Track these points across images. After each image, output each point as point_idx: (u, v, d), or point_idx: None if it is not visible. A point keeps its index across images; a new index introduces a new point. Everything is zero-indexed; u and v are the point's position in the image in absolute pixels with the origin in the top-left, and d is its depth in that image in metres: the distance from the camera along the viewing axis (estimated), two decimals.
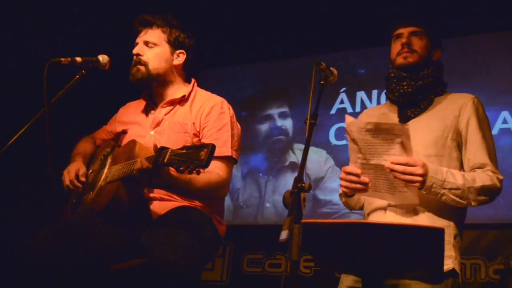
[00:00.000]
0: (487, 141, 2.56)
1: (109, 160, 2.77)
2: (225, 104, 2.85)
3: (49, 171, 2.53)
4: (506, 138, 4.74)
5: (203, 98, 2.86)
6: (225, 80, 6.05)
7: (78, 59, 2.67)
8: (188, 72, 2.96)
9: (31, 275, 2.36)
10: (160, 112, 2.84)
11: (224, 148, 2.70)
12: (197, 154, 2.11)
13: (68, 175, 2.75)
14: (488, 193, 2.44)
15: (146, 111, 2.92)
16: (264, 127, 5.77)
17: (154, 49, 2.84)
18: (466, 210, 2.62)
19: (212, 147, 2.13)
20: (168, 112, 2.83)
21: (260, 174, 5.63)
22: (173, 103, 2.85)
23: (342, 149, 5.20)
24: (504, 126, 4.78)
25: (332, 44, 5.43)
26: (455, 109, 2.62)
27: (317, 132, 2.19)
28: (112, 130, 3.02)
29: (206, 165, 2.11)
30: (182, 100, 2.85)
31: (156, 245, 2.35)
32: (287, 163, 5.51)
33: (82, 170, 2.79)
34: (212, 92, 2.95)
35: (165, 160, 2.19)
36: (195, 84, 2.95)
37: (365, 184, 2.36)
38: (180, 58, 2.90)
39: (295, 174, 1.95)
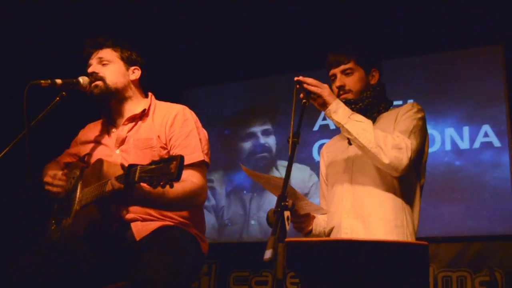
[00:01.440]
0: (407, 123, 2.64)
1: (80, 183, 2.73)
2: (187, 110, 2.83)
3: (29, 193, 2.51)
4: (487, 152, 4.79)
5: (163, 109, 2.84)
6: (208, 98, 6.07)
7: (58, 81, 2.65)
8: (144, 88, 2.95)
9: None
10: (122, 129, 2.81)
11: (195, 154, 2.68)
12: (167, 167, 2.09)
13: (53, 179, 2.72)
14: (396, 146, 2.51)
15: (107, 130, 2.89)
16: (247, 144, 5.78)
17: (109, 66, 2.83)
18: (418, 216, 2.69)
19: (181, 158, 2.10)
20: (131, 129, 2.80)
21: (245, 192, 5.63)
22: (135, 119, 2.82)
23: None
24: (485, 139, 4.82)
25: (315, 61, 5.46)
26: (394, 117, 2.72)
27: (300, 149, 2.19)
28: (76, 153, 2.97)
29: (178, 177, 2.08)
30: (143, 115, 2.83)
31: (141, 267, 2.33)
32: None
33: (59, 172, 2.76)
34: (195, 110, 2.93)
35: (136, 178, 2.16)
36: (153, 97, 2.93)
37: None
38: (135, 73, 2.89)
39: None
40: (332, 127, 5.35)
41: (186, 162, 2.22)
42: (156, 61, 3.19)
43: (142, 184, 2.27)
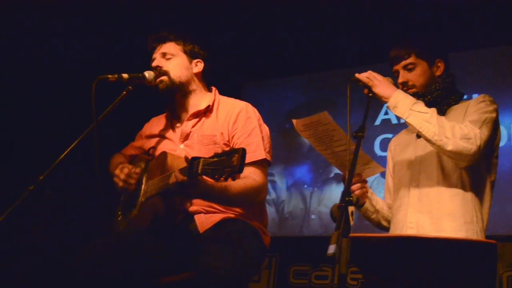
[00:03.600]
0: (479, 114, 2.55)
1: (145, 175, 2.79)
2: (250, 108, 2.85)
3: (98, 185, 2.57)
4: None
5: (227, 106, 2.86)
6: (268, 92, 6.07)
7: (125, 75, 2.70)
8: (207, 81, 2.98)
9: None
10: (187, 125, 2.85)
11: (258, 152, 2.70)
12: (229, 160, 2.11)
13: (121, 172, 2.77)
14: (464, 136, 2.43)
15: (172, 124, 2.94)
16: None
17: (172, 60, 2.87)
18: (488, 213, 2.62)
19: (243, 151, 2.12)
20: (195, 125, 2.84)
21: (305, 186, 5.62)
22: (199, 114, 2.86)
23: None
24: None
25: (377, 54, 5.39)
26: (464, 109, 2.64)
27: (362, 144, 2.18)
28: (141, 146, 3.03)
29: (240, 169, 2.11)
30: (207, 111, 2.86)
31: (204, 259, 2.36)
32: (332, 175, 5.47)
33: (131, 167, 2.81)
34: (256, 104, 2.95)
35: (199, 171, 2.19)
36: (217, 92, 2.96)
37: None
38: (198, 66, 2.92)
39: (340, 185, 1.95)
40: (394, 121, 5.27)
41: (248, 160, 2.23)
42: (218, 55, 3.21)
43: (205, 178, 2.31)
